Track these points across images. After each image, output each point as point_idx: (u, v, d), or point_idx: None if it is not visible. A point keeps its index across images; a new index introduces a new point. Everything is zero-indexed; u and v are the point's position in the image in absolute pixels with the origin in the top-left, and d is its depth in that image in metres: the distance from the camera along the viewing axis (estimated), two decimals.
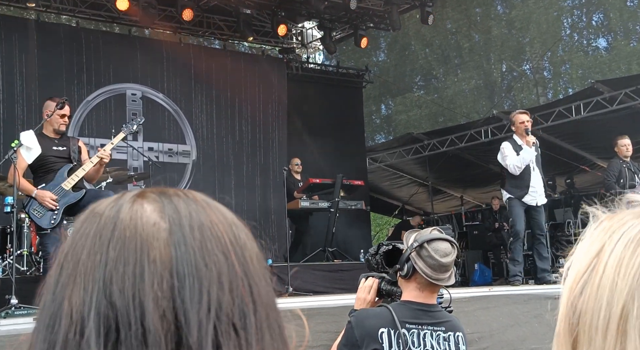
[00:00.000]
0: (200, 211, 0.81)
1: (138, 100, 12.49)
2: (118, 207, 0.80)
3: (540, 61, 25.17)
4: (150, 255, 0.75)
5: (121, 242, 0.76)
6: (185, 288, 0.74)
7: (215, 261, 0.77)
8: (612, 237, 0.91)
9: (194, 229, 0.79)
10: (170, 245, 0.77)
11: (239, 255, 0.80)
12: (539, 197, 9.14)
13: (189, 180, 12.74)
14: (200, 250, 0.77)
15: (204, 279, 0.75)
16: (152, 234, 0.77)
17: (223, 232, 0.81)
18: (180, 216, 0.79)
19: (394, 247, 3.29)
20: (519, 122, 9.31)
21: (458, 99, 25.71)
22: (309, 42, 15.81)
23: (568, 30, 25.57)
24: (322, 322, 5.57)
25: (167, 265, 0.75)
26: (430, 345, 3.14)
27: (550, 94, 24.66)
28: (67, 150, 6.98)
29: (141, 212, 0.79)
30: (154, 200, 0.81)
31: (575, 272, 0.92)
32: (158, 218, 0.79)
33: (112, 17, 12.97)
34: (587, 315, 0.88)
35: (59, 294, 0.76)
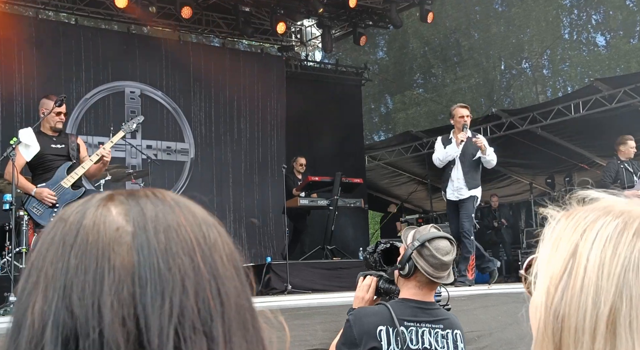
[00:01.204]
0: (167, 212, 0.79)
1: (137, 98, 12.48)
2: (83, 211, 0.79)
3: (540, 59, 25.17)
4: (110, 262, 0.74)
5: (83, 248, 0.75)
6: (147, 294, 0.73)
7: (179, 264, 0.75)
8: (585, 237, 0.90)
9: (158, 231, 0.77)
10: (133, 249, 0.75)
11: (207, 256, 0.78)
12: (456, 191, 8.97)
13: (187, 178, 12.73)
14: (164, 253, 0.75)
15: (166, 284, 0.74)
16: (115, 239, 0.75)
17: (190, 233, 0.78)
18: (145, 219, 0.77)
19: (392, 245, 3.30)
20: (459, 116, 9.11)
21: (457, 97, 25.65)
22: (308, 40, 15.80)
23: (567, 28, 25.57)
24: (322, 321, 5.57)
25: (128, 271, 0.73)
26: (429, 343, 3.14)
27: (549, 92, 24.66)
28: (66, 147, 6.96)
29: (106, 216, 0.78)
30: (120, 203, 0.80)
31: (550, 276, 0.92)
32: (123, 221, 0.77)
33: (110, 15, 12.95)
34: (572, 319, 0.87)
35: (24, 302, 0.75)
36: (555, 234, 0.94)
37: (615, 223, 0.90)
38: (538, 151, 14.79)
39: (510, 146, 14.81)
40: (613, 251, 0.87)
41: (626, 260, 0.87)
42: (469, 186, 8.91)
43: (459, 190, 8.94)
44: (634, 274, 0.86)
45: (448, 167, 9.00)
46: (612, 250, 0.88)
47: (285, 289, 8.74)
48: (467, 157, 8.96)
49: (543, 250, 0.95)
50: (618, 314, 0.85)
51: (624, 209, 0.92)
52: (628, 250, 0.87)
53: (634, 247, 0.87)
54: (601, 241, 0.89)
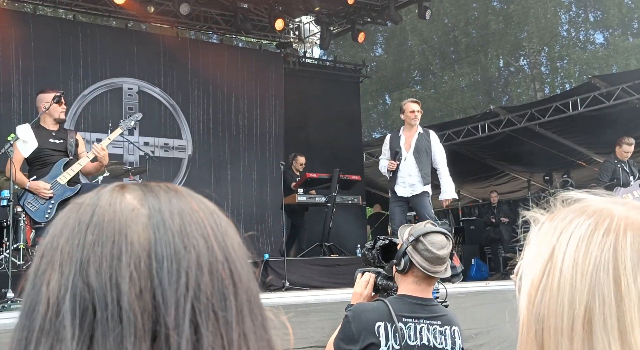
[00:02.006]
0: (180, 198, 0.82)
1: (134, 95, 12.46)
2: (98, 196, 0.81)
3: (538, 56, 25.19)
4: (128, 237, 0.76)
5: (99, 225, 0.77)
6: (164, 269, 0.75)
7: (194, 244, 0.77)
8: (560, 239, 0.92)
9: (173, 213, 0.79)
10: (149, 228, 0.77)
11: (220, 240, 0.80)
12: (409, 187, 8.62)
13: (185, 175, 12.72)
14: (180, 233, 0.77)
15: (182, 261, 0.76)
16: (131, 218, 0.77)
17: (204, 218, 0.81)
18: (160, 202, 0.80)
19: (390, 241, 3.30)
20: (409, 111, 8.72)
21: (455, 94, 25.73)
22: (306, 37, 15.79)
23: (566, 25, 25.59)
24: (320, 319, 5.58)
25: (145, 247, 0.75)
26: (427, 339, 3.15)
27: (547, 90, 24.68)
28: (64, 143, 6.95)
29: (121, 199, 0.80)
30: (134, 190, 0.82)
31: (531, 278, 0.93)
32: (138, 204, 0.80)
33: (109, 11, 12.93)
34: (551, 320, 0.88)
35: (38, 281, 0.76)
36: (538, 237, 0.96)
37: (587, 223, 0.91)
38: (536, 148, 14.80)
39: (508, 143, 14.84)
40: (585, 251, 0.89)
41: (597, 259, 0.88)
42: (422, 182, 8.61)
43: (412, 186, 8.62)
44: (605, 272, 0.87)
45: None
46: (584, 250, 0.89)
47: (283, 286, 8.74)
48: (421, 153, 8.66)
49: (527, 253, 0.96)
50: (592, 314, 0.86)
51: (597, 209, 0.93)
52: (599, 250, 0.88)
53: (604, 246, 0.88)
54: (574, 242, 0.90)
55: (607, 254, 0.88)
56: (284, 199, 10.33)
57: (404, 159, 8.65)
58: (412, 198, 8.65)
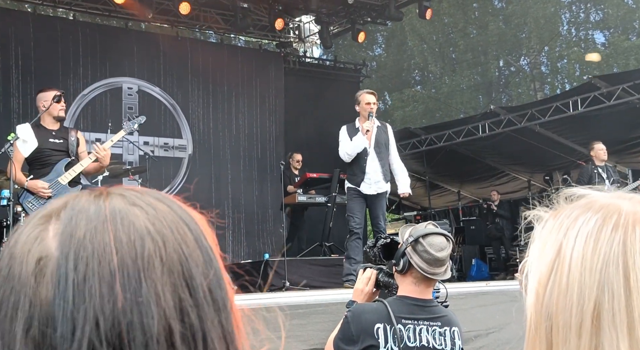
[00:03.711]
0: (98, 230, 0.73)
1: (134, 94, 12.45)
2: (19, 233, 0.75)
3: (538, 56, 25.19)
4: (27, 297, 0.70)
5: (8, 281, 0.71)
6: (57, 334, 0.68)
7: (95, 300, 0.69)
8: (567, 235, 0.91)
9: (79, 259, 0.71)
10: (51, 283, 0.70)
11: (130, 282, 0.71)
12: (374, 185, 8.13)
13: (185, 174, 12.71)
14: (82, 285, 0.69)
15: (77, 323, 0.68)
16: (34, 272, 0.71)
17: (114, 257, 0.71)
18: (71, 243, 0.72)
19: (392, 240, 3.30)
20: (365, 102, 8.31)
21: (455, 94, 25.74)
22: (306, 37, 15.79)
23: (566, 25, 25.59)
24: (320, 321, 5.57)
25: (44, 308, 0.69)
26: (426, 341, 3.14)
27: (547, 90, 24.69)
28: (65, 142, 6.93)
29: (41, 239, 0.73)
30: (59, 220, 0.74)
31: (538, 276, 0.93)
32: (53, 247, 0.72)
33: (108, 11, 12.92)
34: (559, 316, 0.88)
35: None
36: (543, 235, 0.96)
37: (595, 218, 0.91)
38: (536, 148, 14.79)
39: (508, 143, 14.82)
40: (594, 246, 0.89)
41: (606, 254, 0.88)
42: (386, 179, 8.20)
43: (377, 183, 8.13)
44: (615, 268, 0.87)
45: (361, 159, 8.14)
46: (592, 245, 0.89)
47: (283, 286, 8.73)
48: (381, 147, 8.24)
49: (532, 251, 0.96)
50: (601, 309, 0.86)
51: (604, 204, 0.93)
52: (608, 245, 0.88)
53: (613, 241, 0.88)
54: (582, 237, 0.90)
55: (617, 249, 0.88)
56: (284, 199, 10.32)
57: (368, 154, 8.14)
58: (374, 195, 8.17)
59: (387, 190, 8.27)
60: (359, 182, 8.14)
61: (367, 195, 8.17)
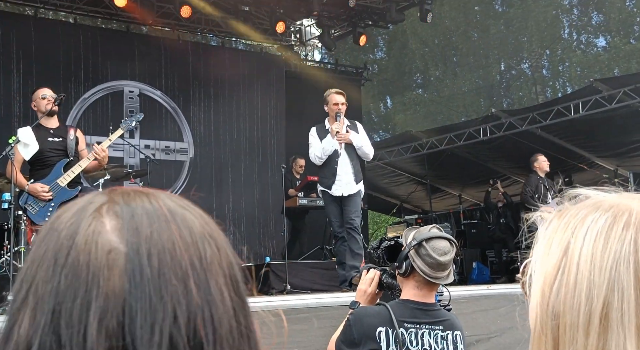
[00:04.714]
0: (162, 229, 0.75)
1: (135, 98, 12.46)
2: (77, 224, 0.75)
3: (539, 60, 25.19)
4: (100, 288, 0.71)
5: (73, 270, 0.72)
6: (136, 325, 0.69)
7: (172, 292, 0.72)
8: (576, 234, 0.91)
9: (152, 255, 0.73)
10: (124, 275, 0.71)
11: (201, 280, 0.74)
12: (345, 186, 7.99)
13: (186, 178, 12.71)
14: (157, 281, 0.72)
15: (157, 315, 0.70)
16: (106, 263, 0.72)
17: (184, 255, 0.75)
18: (139, 239, 0.74)
19: (396, 242, 3.29)
20: (333, 103, 8.23)
21: (456, 97, 25.74)
22: (308, 40, 15.79)
23: (567, 29, 25.59)
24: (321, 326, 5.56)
25: (118, 300, 0.70)
26: (429, 345, 3.13)
27: (549, 93, 24.69)
28: (64, 141, 6.92)
29: (99, 232, 0.74)
30: (115, 215, 0.76)
31: (545, 274, 0.92)
32: (116, 241, 0.74)
33: (110, 14, 12.94)
34: (567, 315, 0.88)
35: (12, 316, 0.73)
36: (548, 234, 0.95)
37: (604, 217, 0.90)
38: (537, 151, 14.75)
39: (509, 147, 14.81)
40: (604, 245, 0.88)
41: (617, 253, 0.87)
42: (357, 179, 8.07)
43: (348, 184, 8.00)
44: (625, 267, 0.86)
45: (332, 160, 8.01)
46: (602, 244, 0.88)
47: (284, 289, 8.73)
48: (351, 147, 8.06)
49: (537, 251, 0.96)
50: (610, 308, 0.85)
51: (613, 203, 0.92)
52: (619, 244, 0.87)
53: (624, 240, 0.87)
54: (592, 236, 0.89)
55: (628, 247, 0.87)
56: (285, 203, 10.31)
57: (339, 155, 7.99)
58: (345, 198, 8.04)
59: (359, 190, 8.13)
60: (330, 185, 8.03)
61: (340, 197, 8.05)
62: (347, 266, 7.98)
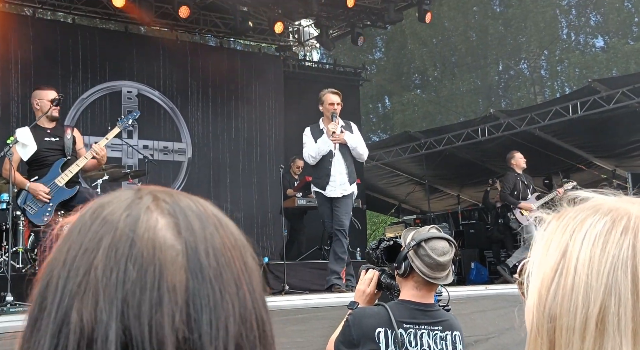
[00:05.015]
0: (214, 233, 0.78)
1: (134, 98, 12.45)
2: (134, 218, 0.76)
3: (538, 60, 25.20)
4: (168, 282, 0.72)
5: (139, 262, 0.72)
6: (202, 321, 0.72)
7: (230, 292, 0.75)
8: (574, 237, 0.91)
9: (209, 255, 0.75)
10: (187, 272, 0.73)
11: (249, 285, 0.78)
12: (339, 187, 7.95)
13: (184, 178, 12.70)
14: (217, 279, 0.74)
15: (220, 312, 0.73)
16: (170, 258, 0.73)
17: (235, 259, 0.78)
18: (196, 238, 0.76)
19: (395, 243, 3.29)
20: (328, 103, 8.05)
21: (455, 98, 25.76)
22: (306, 40, 15.79)
23: (565, 29, 25.61)
24: (319, 327, 5.56)
25: (184, 295, 0.72)
26: (428, 345, 3.13)
27: (547, 93, 24.71)
28: (61, 140, 6.92)
29: (156, 228, 0.75)
30: (168, 214, 0.77)
31: (542, 277, 0.92)
32: (173, 238, 0.75)
33: (108, 14, 12.93)
34: (563, 318, 0.88)
35: (67, 302, 0.72)
36: (546, 236, 0.95)
37: (603, 221, 0.90)
38: (535, 152, 14.78)
39: (507, 147, 14.80)
40: (602, 249, 0.88)
41: (615, 258, 0.87)
42: (351, 181, 8.03)
43: (342, 185, 7.96)
44: (623, 271, 0.86)
45: (325, 161, 7.97)
46: (601, 248, 0.88)
47: (283, 290, 8.72)
48: (346, 148, 8.02)
49: (535, 252, 0.95)
50: (607, 313, 0.85)
51: (612, 207, 0.92)
52: (617, 248, 0.87)
53: (623, 245, 0.87)
54: (590, 240, 0.89)
55: (626, 252, 0.87)
56: (283, 203, 10.31)
57: (333, 156, 7.96)
58: (339, 198, 7.99)
59: (352, 192, 8.11)
60: (324, 186, 7.98)
61: (332, 198, 8.01)
62: (329, 270, 7.95)
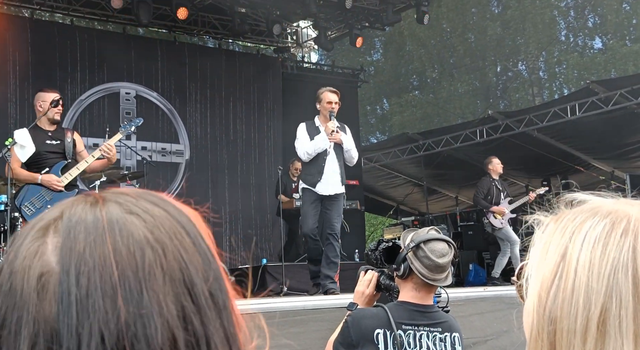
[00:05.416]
0: (97, 242, 0.72)
1: (132, 99, 12.44)
2: (19, 247, 0.73)
3: (536, 62, 25.22)
4: (30, 314, 0.69)
5: (10, 295, 0.70)
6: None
7: (98, 313, 0.69)
8: (574, 239, 0.90)
9: (81, 274, 0.70)
10: (53, 299, 0.69)
11: (132, 295, 0.70)
12: (332, 186, 7.87)
13: (182, 179, 12.69)
14: (84, 301, 0.69)
15: (83, 338, 0.68)
16: (36, 288, 0.70)
17: (115, 269, 0.71)
18: (71, 257, 0.71)
19: (394, 244, 3.28)
20: (326, 101, 7.92)
21: (453, 99, 25.77)
22: (304, 42, 15.78)
23: (564, 31, 25.63)
24: (318, 329, 5.55)
25: (48, 325, 0.69)
26: (427, 346, 3.12)
27: (545, 95, 24.71)
28: (62, 143, 6.91)
29: (39, 254, 0.72)
30: (57, 233, 0.73)
31: (541, 280, 0.91)
32: (53, 262, 0.71)
33: (106, 16, 12.92)
34: (564, 321, 0.87)
35: None
36: (545, 238, 0.94)
37: (603, 223, 0.90)
38: (534, 153, 14.79)
39: (506, 148, 14.81)
40: (602, 251, 0.87)
41: (615, 260, 0.87)
42: (342, 181, 7.99)
43: (334, 184, 7.90)
44: (624, 273, 0.86)
45: (320, 158, 7.88)
46: (601, 250, 0.88)
47: (281, 291, 8.71)
48: (340, 148, 7.98)
49: (533, 255, 0.95)
50: (608, 315, 0.85)
51: (612, 209, 0.92)
52: (617, 250, 0.87)
53: (623, 247, 0.87)
54: (590, 242, 0.89)
55: (626, 255, 0.87)
56: (282, 205, 10.30)
57: (328, 154, 7.88)
58: (332, 197, 7.93)
59: (343, 192, 8.10)
60: (315, 183, 7.87)
61: (323, 196, 7.93)
62: (322, 275, 7.86)
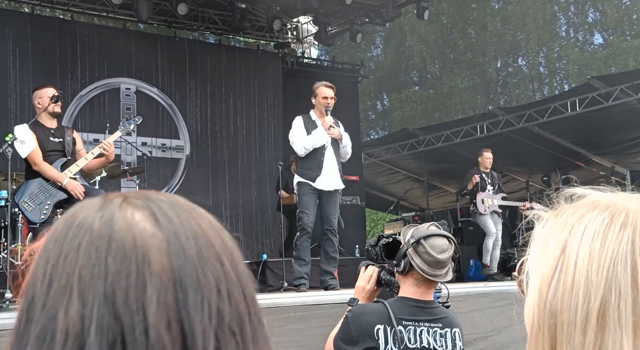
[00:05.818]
0: (189, 218, 0.82)
1: (132, 95, 12.43)
2: (109, 217, 0.79)
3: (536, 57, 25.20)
4: (152, 267, 0.76)
5: (121, 254, 0.76)
6: (189, 299, 0.75)
7: (212, 270, 0.78)
8: (573, 233, 0.91)
9: (188, 238, 0.79)
10: (169, 255, 0.77)
11: (231, 261, 0.81)
12: (331, 180, 7.86)
13: (182, 175, 12.69)
14: (198, 259, 0.78)
15: (204, 289, 0.76)
16: (152, 245, 0.77)
17: (214, 239, 0.81)
18: (173, 225, 0.79)
19: (394, 239, 3.28)
20: (322, 96, 7.91)
21: (454, 94, 25.75)
22: (304, 37, 15.77)
23: (564, 26, 25.61)
24: (318, 325, 5.56)
25: (169, 277, 0.76)
26: (427, 342, 3.13)
27: (546, 90, 24.70)
28: (62, 141, 6.92)
29: (135, 221, 0.79)
30: (142, 207, 0.81)
31: (542, 273, 0.92)
32: (152, 227, 0.79)
33: (106, 11, 12.91)
34: (564, 314, 0.88)
35: (51, 307, 0.75)
36: (545, 233, 0.95)
37: (602, 217, 0.91)
38: (534, 149, 14.79)
39: (506, 144, 14.82)
40: (601, 245, 0.88)
41: (614, 253, 0.87)
42: (341, 175, 8.01)
43: (334, 179, 7.89)
44: (623, 266, 0.87)
45: (318, 153, 7.87)
46: (600, 243, 0.88)
47: (281, 287, 8.72)
48: (337, 144, 7.98)
49: (533, 250, 0.96)
50: (608, 307, 0.86)
51: (610, 203, 0.93)
52: (616, 243, 0.88)
53: (622, 240, 0.88)
54: (589, 236, 0.90)
55: (625, 247, 0.87)
56: (282, 200, 10.30)
57: (326, 148, 7.88)
58: (330, 192, 7.93)
59: (342, 188, 8.11)
60: (314, 177, 7.83)
61: (322, 191, 7.92)
62: (322, 271, 7.95)
